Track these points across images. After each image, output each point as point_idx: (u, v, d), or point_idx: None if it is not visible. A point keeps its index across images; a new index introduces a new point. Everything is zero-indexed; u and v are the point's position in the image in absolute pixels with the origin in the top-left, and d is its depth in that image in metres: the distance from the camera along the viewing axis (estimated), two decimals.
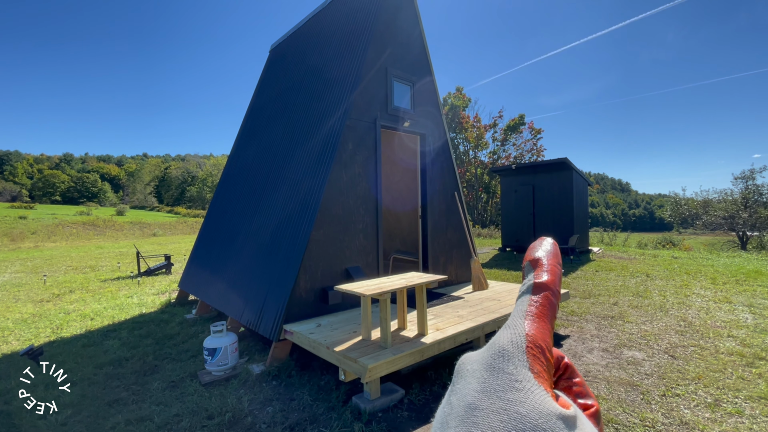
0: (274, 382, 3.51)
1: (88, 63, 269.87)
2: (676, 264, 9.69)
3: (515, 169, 12.80)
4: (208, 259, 6.18)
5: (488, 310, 4.18)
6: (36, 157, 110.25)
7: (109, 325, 5.47)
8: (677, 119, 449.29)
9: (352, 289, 3.11)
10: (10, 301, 7.25)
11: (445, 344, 3.32)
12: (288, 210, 4.64)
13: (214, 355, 3.62)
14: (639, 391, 3.24)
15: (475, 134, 30.62)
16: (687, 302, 6.08)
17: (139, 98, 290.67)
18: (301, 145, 5.06)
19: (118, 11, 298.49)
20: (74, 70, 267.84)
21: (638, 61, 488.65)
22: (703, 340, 4.42)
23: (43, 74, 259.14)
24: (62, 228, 31.40)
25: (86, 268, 11.86)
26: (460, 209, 5.80)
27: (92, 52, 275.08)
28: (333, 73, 5.18)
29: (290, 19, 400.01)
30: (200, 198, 68.85)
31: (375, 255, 4.66)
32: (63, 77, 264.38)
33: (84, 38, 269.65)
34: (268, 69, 7.90)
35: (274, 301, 4.04)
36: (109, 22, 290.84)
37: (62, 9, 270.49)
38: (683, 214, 26.31)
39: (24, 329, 5.38)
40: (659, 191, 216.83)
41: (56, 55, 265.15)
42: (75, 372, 3.83)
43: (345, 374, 2.98)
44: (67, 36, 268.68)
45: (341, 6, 5.90)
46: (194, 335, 4.87)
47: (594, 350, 4.20)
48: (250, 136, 7.11)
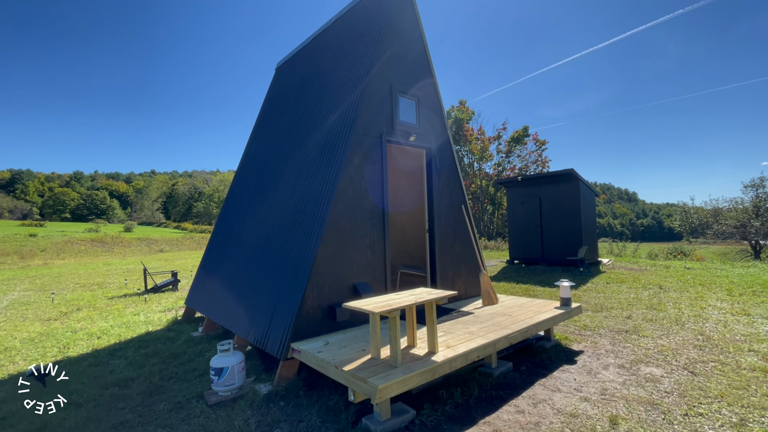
0: (282, 403, 3.43)
1: (98, 83, 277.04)
2: (689, 275, 9.49)
3: (521, 181, 12.75)
4: (214, 275, 6.16)
5: (500, 326, 4.08)
6: (47, 176, 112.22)
7: (115, 344, 5.43)
8: (682, 128, 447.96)
9: (361, 306, 3.05)
10: (18, 319, 7.26)
11: (456, 362, 3.23)
12: (295, 226, 4.63)
13: (220, 374, 3.56)
14: (660, 411, 3.11)
15: (479, 146, 30.72)
16: (703, 315, 5.92)
17: (148, 116, 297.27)
18: (308, 161, 5.08)
19: (124, 33, 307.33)
20: (85, 91, 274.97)
21: (640, 72, 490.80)
22: (723, 355, 4.27)
23: (55, 95, 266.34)
24: (71, 245, 31.72)
25: (94, 285, 11.89)
26: (468, 222, 5.75)
27: (102, 71, 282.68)
28: (338, 90, 5.23)
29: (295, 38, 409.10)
30: (207, 214, 69.44)
31: (382, 270, 4.61)
32: (74, 97, 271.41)
33: (93, 59, 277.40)
34: (274, 87, 8.01)
35: (281, 318, 3.98)
36: (114, 42, 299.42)
37: (72, 36, 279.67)
38: (693, 224, 25.97)
39: (31, 348, 5.36)
40: (667, 200, 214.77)
41: (68, 76, 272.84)
42: (81, 393, 3.77)
43: (354, 395, 2.90)
44: (78, 59, 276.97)
45: (346, 25, 6.00)
46: (201, 353, 4.82)
47: (610, 366, 4.07)
48: (256, 153, 7.17)
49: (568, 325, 5.61)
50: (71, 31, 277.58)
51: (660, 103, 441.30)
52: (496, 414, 3.16)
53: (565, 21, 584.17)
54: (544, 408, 3.23)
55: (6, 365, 4.73)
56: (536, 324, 4.20)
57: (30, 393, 3.76)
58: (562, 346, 4.76)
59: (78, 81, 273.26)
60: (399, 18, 5.17)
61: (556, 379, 3.80)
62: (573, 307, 4.91)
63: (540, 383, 3.73)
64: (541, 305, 5.02)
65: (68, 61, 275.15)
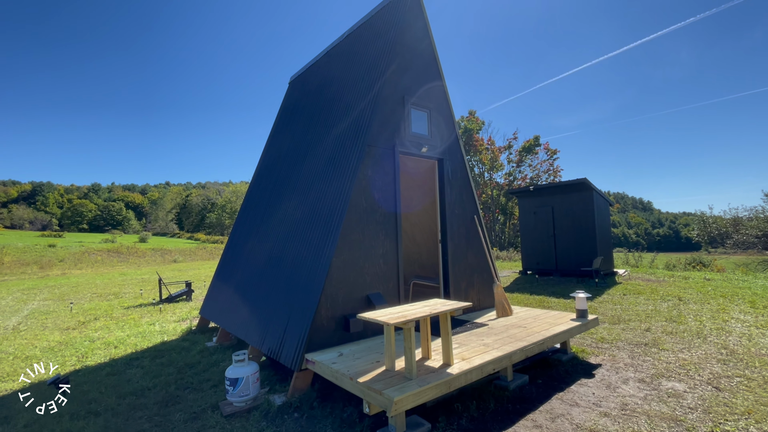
0: (296, 414, 3.42)
1: (115, 97, 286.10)
2: (710, 286, 9.22)
3: (533, 191, 12.66)
4: (228, 286, 6.23)
5: (515, 338, 4.03)
6: (66, 188, 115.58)
7: (132, 353, 5.50)
8: (697, 136, 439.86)
9: (375, 317, 3.06)
10: (39, 329, 7.42)
11: (472, 375, 3.20)
12: (308, 237, 4.67)
13: (235, 385, 3.58)
14: (684, 427, 3.02)
15: (489, 156, 30.67)
16: (726, 328, 5.74)
17: (163, 129, 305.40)
18: (321, 172, 5.15)
19: (140, 48, 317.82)
20: (104, 105, 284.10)
21: (652, 80, 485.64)
22: (749, 370, 4.12)
23: (75, 108, 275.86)
24: (88, 255, 32.42)
25: (110, 295, 12.11)
26: (481, 233, 5.72)
27: (119, 87, 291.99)
28: (351, 103, 5.32)
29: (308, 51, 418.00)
30: (219, 224, 70.36)
31: (395, 281, 4.60)
32: (93, 111, 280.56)
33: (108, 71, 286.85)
34: (288, 100, 8.18)
35: (295, 329, 4.00)
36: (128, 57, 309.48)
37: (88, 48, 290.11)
38: (711, 233, 25.33)
39: (51, 357, 5.47)
40: (684, 209, 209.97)
41: (88, 91, 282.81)
42: (99, 402, 3.83)
43: (369, 407, 2.89)
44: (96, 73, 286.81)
45: (357, 40, 6.13)
46: (215, 364, 4.85)
47: (629, 381, 3.97)
48: (270, 165, 7.30)
49: (584, 338, 5.50)
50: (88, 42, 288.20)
51: (674, 111, 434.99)
52: (513, 429, 3.10)
53: (576, 30, 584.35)
54: (562, 423, 3.16)
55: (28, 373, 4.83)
56: (552, 336, 4.13)
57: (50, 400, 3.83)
58: (579, 359, 4.66)
59: (97, 95, 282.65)
60: (410, 33, 5.26)
61: (574, 393, 3.72)
62: (590, 319, 4.82)
63: (557, 397, 3.65)
64: (557, 317, 4.94)
65: (88, 75, 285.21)
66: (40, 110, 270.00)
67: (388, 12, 5.65)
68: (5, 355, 5.61)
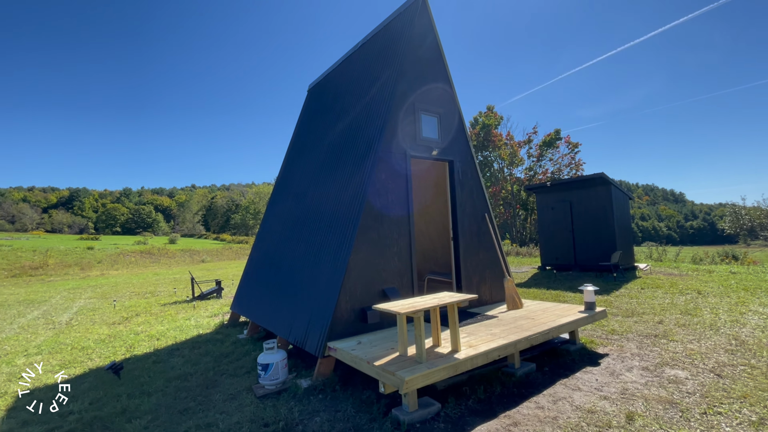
0: (320, 396, 3.83)
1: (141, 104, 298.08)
2: (733, 280, 9.09)
3: (551, 186, 12.68)
4: (257, 283, 6.74)
5: (521, 328, 4.30)
6: (101, 193, 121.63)
7: (172, 345, 6.08)
8: (733, 123, 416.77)
9: (389, 307, 3.41)
10: (89, 323, 8.19)
11: (477, 360, 3.51)
12: (328, 236, 5.08)
13: (266, 370, 4.02)
14: (678, 409, 3.23)
15: (508, 152, 30.41)
16: (741, 320, 5.78)
17: (188, 133, 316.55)
18: (339, 176, 5.54)
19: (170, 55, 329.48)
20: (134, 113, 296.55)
21: (684, 65, 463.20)
22: (755, 359, 4.24)
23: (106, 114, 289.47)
24: (123, 257, 34.26)
25: (147, 293, 12.99)
26: (491, 230, 5.98)
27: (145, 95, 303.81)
28: (365, 109, 5.68)
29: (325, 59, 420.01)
30: (244, 225, 72.41)
31: (409, 276, 4.95)
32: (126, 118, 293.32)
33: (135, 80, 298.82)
34: (307, 107, 8.63)
35: (318, 320, 4.42)
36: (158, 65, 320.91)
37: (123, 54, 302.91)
38: (745, 225, 24.34)
39: (103, 348, 6.11)
40: (719, 200, 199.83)
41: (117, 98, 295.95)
42: (150, 384, 4.37)
43: (384, 386, 3.25)
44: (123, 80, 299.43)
45: (371, 48, 6.48)
46: (247, 353, 5.34)
47: (633, 369, 4.17)
48: (291, 169, 7.77)
49: (595, 330, 5.67)
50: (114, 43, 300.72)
51: (707, 97, 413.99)
52: (517, 409, 3.39)
53: (599, 16, 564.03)
54: (563, 405, 3.43)
55: (85, 361, 5.47)
56: (558, 327, 4.38)
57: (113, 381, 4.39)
58: (587, 349, 4.87)
59: (126, 101, 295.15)
60: (419, 42, 5.57)
61: (578, 380, 3.96)
62: (597, 311, 5.01)
63: (561, 383, 3.90)
64: (565, 309, 5.16)
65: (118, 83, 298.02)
66: (73, 117, 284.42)
67: (399, 22, 5.97)
68: (64, 346, 6.31)
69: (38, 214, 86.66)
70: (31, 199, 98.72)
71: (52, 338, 6.94)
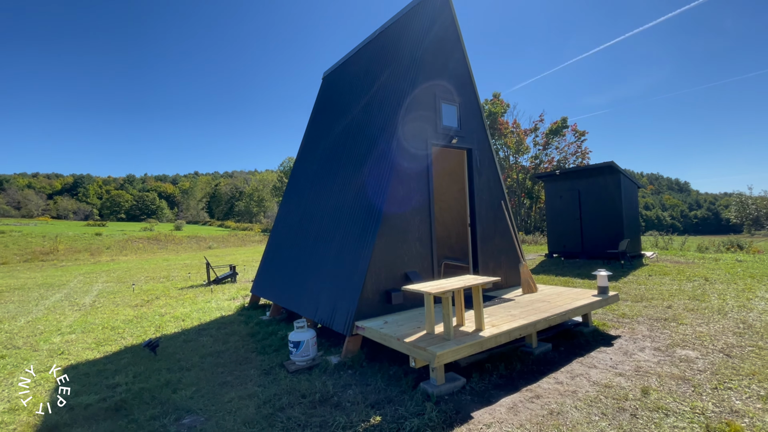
0: (350, 371, 4.06)
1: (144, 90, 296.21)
2: (740, 267, 9.26)
3: (559, 175, 12.78)
4: (279, 268, 6.96)
5: (539, 310, 4.50)
6: (104, 179, 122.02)
7: (198, 325, 6.34)
8: (741, 111, 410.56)
9: (418, 288, 3.61)
10: (112, 306, 8.47)
11: (501, 338, 3.72)
12: (352, 223, 5.26)
13: (298, 347, 4.25)
14: (690, 384, 3.44)
15: (514, 140, 30.32)
16: (748, 305, 5.97)
17: (189, 119, 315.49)
18: (360, 164, 5.69)
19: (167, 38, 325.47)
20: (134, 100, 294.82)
21: (692, 52, 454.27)
22: (763, 341, 4.44)
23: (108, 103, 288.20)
24: (131, 243, 34.70)
25: (162, 278, 13.29)
26: (507, 217, 6.14)
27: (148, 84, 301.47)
28: (385, 98, 5.79)
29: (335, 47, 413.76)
30: (248, 212, 72.77)
31: (430, 261, 5.14)
32: (125, 105, 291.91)
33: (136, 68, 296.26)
34: (323, 94, 8.72)
35: (345, 302, 4.63)
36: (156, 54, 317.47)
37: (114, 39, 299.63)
38: (751, 215, 24.38)
39: (133, 328, 6.38)
40: (724, 190, 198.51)
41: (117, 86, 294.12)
42: (186, 360, 4.62)
43: (415, 361, 3.47)
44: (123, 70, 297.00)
45: (390, 37, 6.54)
46: (272, 333, 5.58)
47: (646, 349, 4.38)
48: (309, 156, 7.91)
49: (606, 313, 5.88)
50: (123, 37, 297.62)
51: (716, 85, 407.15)
52: (537, 383, 3.62)
53: (606, 4, 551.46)
54: (580, 380, 3.65)
55: (118, 339, 5.74)
56: (573, 309, 4.58)
57: (149, 357, 4.65)
58: (600, 331, 5.08)
59: (128, 90, 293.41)
60: (440, 28, 5.64)
61: (593, 359, 4.18)
62: (610, 295, 5.21)
63: (577, 361, 4.12)
64: (579, 293, 5.35)
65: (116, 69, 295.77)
66: (75, 103, 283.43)
67: (418, 11, 6.03)
68: (95, 326, 6.59)
69: (43, 200, 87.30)
70: (36, 186, 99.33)
71: (81, 319, 7.22)
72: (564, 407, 3.14)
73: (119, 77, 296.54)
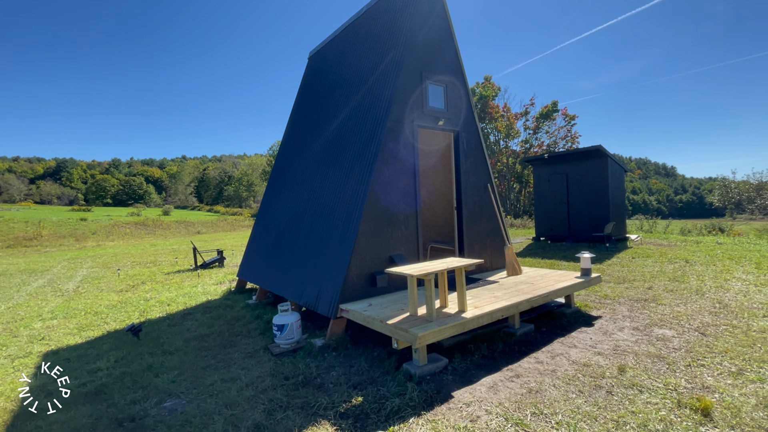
0: (334, 353, 4.08)
1: (127, 71, 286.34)
2: (720, 249, 9.48)
3: (548, 159, 12.81)
4: (265, 251, 6.90)
5: (522, 292, 4.55)
6: (88, 163, 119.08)
7: (184, 310, 6.29)
8: (730, 95, 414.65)
9: (401, 270, 3.60)
10: (96, 291, 8.36)
11: (483, 319, 3.75)
12: (337, 205, 5.20)
13: (282, 330, 4.25)
14: (665, 362, 3.53)
15: (505, 124, 30.22)
16: (725, 286, 6.13)
17: (177, 102, 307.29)
18: (345, 146, 5.59)
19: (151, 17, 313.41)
20: (115, 79, 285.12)
21: (684, 36, 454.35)
22: (737, 320, 4.57)
23: (91, 83, 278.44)
24: (117, 228, 34.12)
25: (148, 263, 13.14)
26: (494, 200, 6.14)
27: (130, 61, 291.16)
28: (370, 79, 5.65)
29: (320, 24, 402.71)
30: (237, 197, 71.93)
31: (415, 243, 5.13)
32: (107, 85, 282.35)
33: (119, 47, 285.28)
34: (308, 75, 8.50)
35: (329, 284, 4.62)
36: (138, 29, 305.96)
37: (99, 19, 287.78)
38: (733, 199, 24.90)
39: (116, 313, 6.31)
40: (709, 175, 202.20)
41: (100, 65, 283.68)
42: (169, 344, 4.59)
43: (398, 343, 3.49)
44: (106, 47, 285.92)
45: (375, 16, 6.35)
46: (258, 317, 5.57)
47: (625, 329, 4.48)
48: (295, 138, 7.75)
49: (589, 295, 5.99)
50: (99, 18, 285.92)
51: (706, 69, 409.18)
52: (518, 363, 3.68)
53: None
54: (560, 360, 3.72)
55: (101, 324, 5.67)
56: (556, 290, 4.64)
57: (132, 342, 4.61)
58: (582, 312, 5.17)
59: (109, 71, 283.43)
60: (426, 9, 5.48)
61: (574, 338, 4.26)
62: (592, 276, 5.28)
63: (558, 341, 4.20)
64: (562, 275, 5.42)
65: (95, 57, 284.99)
66: (56, 87, 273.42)
67: None
68: (78, 311, 6.49)
69: (25, 185, 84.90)
70: (17, 170, 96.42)
71: (63, 304, 7.12)
72: (543, 385, 3.21)
73: (98, 60, 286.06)
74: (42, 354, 4.54)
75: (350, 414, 2.92)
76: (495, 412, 2.85)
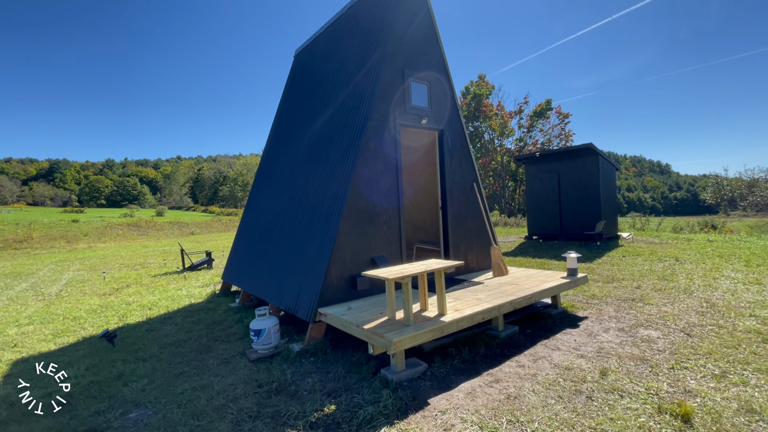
0: (312, 359, 3.97)
1: (123, 72, 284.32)
2: (710, 247, 9.45)
3: (539, 157, 12.74)
4: (248, 253, 6.77)
5: (506, 293, 4.46)
6: (82, 164, 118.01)
7: (165, 314, 6.16)
8: (725, 93, 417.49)
9: (378, 274, 3.50)
10: (79, 294, 8.19)
11: (462, 323, 3.65)
12: (318, 205, 5.08)
13: (259, 335, 4.13)
14: (648, 365, 3.45)
15: (499, 122, 30.17)
16: (714, 285, 6.07)
17: (172, 102, 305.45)
18: (327, 145, 5.48)
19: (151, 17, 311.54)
20: (110, 79, 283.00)
21: (678, 34, 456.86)
22: (723, 320, 4.50)
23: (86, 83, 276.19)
24: (110, 230, 33.80)
25: (136, 265, 12.96)
26: (479, 200, 6.05)
27: (127, 61, 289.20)
28: (352, 77, 5.54)
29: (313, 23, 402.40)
30: (232, 197, 71.51)
31: (398, 245, 5.03)
32: (101, 88, 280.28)
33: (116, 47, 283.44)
34: (293, 73, 8.36)
35: (309, 288, 4.50)
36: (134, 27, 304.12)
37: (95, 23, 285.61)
38: (726, 196, 25.01)
39: (95, 318, 6.16)
40: (704, 172, 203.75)
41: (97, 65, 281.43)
42: (144, 351, 4.46)
43: (373, 348, 3.39)
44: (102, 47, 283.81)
45: (359, 12, 6.23)
46: (239, 321, 5.44)
47: (610, 330, 4.40)
48: (280, 137, 7.63)
49: (577, 295, 5.91)
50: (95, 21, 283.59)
51: (700, 67, 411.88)
52: (499, 367, 3.58)
53: None
54: (542, 363, 3.63)
55: (78, 330, 5.52)
56: (540, 291, 4.55)
57: (105, 349, 4.47)
58: (568, 312, 5.09)
59: (104, 72, 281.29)
60: (409, 5, 5.37)
61: (558, 341, 4.17)
62: (579, 276, 5.20)
63: (542, 343, 4.11)
64: (549, 275, 5.34)
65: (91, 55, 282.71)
66: (50, 87, 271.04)
67: None
68: (56, 317, 6.34)
69: (18, 186, 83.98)
70: (9, 171, 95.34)
71: (43, 309, 6.96)
72: (522, 391, 3.11)
73: (91, 59, 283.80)
74: (11, 362, 4.39)
75: (321, 424, 2.81)
76: (470, 420, 2.75)
